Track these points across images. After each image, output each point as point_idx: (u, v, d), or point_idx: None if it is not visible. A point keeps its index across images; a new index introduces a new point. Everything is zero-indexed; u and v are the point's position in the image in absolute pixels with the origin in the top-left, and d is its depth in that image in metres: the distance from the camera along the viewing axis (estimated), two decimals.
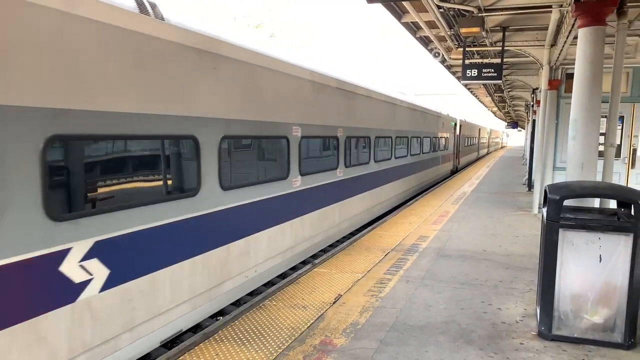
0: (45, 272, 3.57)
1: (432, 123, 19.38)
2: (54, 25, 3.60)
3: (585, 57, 6.29)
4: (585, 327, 4.82)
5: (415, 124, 16.13)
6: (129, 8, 4.30)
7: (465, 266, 7.53)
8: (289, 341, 4.80)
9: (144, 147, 4.55)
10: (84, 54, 3.86)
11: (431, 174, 19.86)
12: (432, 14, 9.68)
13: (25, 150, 3.42)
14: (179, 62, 4.90)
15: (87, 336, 3.95)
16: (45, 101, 3.56)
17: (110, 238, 4.12)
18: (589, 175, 6.34)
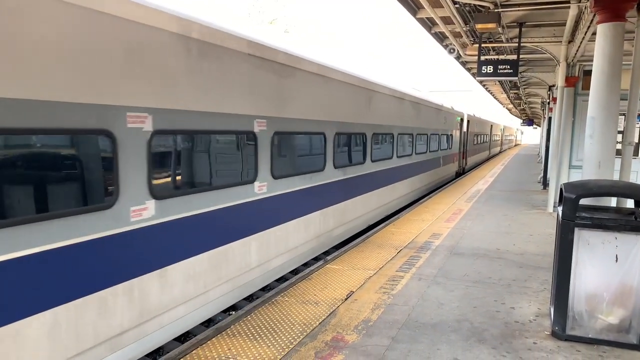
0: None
1: (430, 117, 15.87)
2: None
3: (604, 54, 6.19)
4: (600, 328, 4.76)
5: (404, 117, 12.72)
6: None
7: (478, 264, 7.48)
8: (301, 337, 4.82)
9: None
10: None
11: (427, 180, 16.27)
12: (448, 9, 9.59)
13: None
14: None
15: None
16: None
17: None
18: (606, 174, 6.25)
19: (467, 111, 24.89)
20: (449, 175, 20.48)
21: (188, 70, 4.74)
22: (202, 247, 5.10)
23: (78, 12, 3.66)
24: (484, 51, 12.89)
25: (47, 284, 3.53)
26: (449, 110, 19.25)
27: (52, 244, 3.52)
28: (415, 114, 13.81)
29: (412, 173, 14.01)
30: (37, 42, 3.38)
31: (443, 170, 19.17)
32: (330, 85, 8.13)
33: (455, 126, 20.75)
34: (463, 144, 23.67)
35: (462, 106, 24.05)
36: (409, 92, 13.13)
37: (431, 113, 16.02)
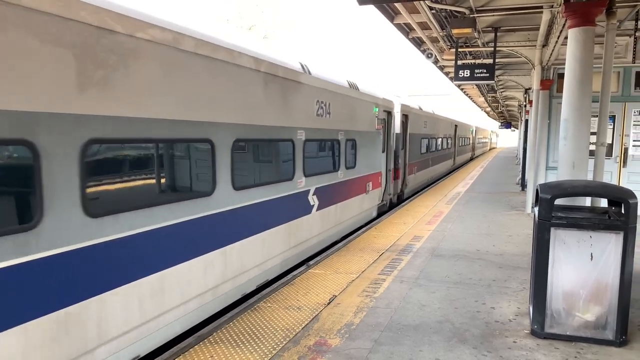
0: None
1: (313, 107, 8.22)
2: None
3: (575, 57, 6.35)
4: (578, 325, 4.86)
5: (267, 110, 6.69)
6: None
7: (459, 266, 7.57)
8: (284, 342, 4.81)
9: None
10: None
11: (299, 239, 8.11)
12: (424, 15, 9.73)
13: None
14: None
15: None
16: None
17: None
18: (580, 174, 6.39)
19: (405, 101, 15.55)
20: (362, 215, 11.22)
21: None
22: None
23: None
24: (460, 55, 13.10)
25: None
26: (365, 97, 10.83)
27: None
28: (285, 105, 7.18)
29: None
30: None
31: (350, 210, 10.29)
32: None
33: (372, 124, 11.38)
34: (403, 154, 15.17)
35: (397, 93, 15.54)
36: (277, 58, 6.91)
37: (305, 100, 7.87)
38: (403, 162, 15.44)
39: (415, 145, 16.91)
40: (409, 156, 15.89)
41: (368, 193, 11.50)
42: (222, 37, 5.67)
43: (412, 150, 16.46)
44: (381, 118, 12.21)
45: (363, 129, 10.83)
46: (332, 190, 9.17)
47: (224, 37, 5.71)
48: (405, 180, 15.80)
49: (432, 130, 20.49)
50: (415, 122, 16.70)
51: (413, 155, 16.69)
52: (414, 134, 16.58)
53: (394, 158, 14.11)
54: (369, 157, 11.34)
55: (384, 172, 12.93)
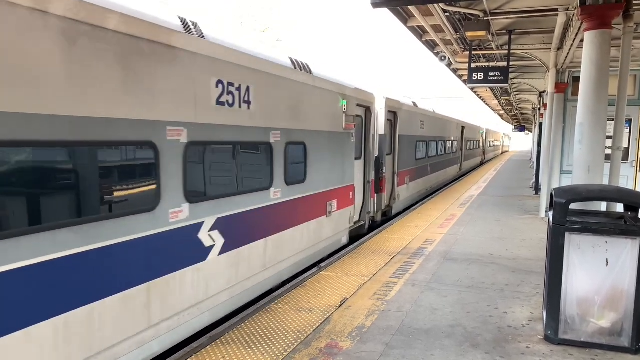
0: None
1: (210, 90, 5.27)
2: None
3: (591, 61, 6.28)
4: (592, 331, 4.80)
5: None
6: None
7: (471, 270, 7.52)
8: (295, 344, 4.82)
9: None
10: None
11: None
12: (438, 18, 9.70)
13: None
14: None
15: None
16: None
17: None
18: (596, 179, 6.32)
19: (393, 94, 12.55)
20: (309, 256, 7.94)
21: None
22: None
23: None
24: (474, 58, 13.02)
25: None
26: (306, 82, 7.51)
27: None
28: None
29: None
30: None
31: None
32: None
33: (336, 123, 8.64)
34: (384, 162, 11.78)
35: (384, 86, 12.43)
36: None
37: (189, 77, 4.97)
38: (391, 171, 12.64)
39: (408, 150, 14.15)
40: (399, 163, 13.06)
41: (330, 215, 8.26)
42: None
43: (404, 155, 13.64)
44: (353, 115, 9.04)
45: (321, 128, 7.81)
46: (256, 219, 6.15)
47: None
48: (394, 192, 12.89)
49: (432, 132, 17.61)
50: (407, 122, 13.80)
51: (405, 162, 13.86)
52: (406, 135, 13.75)
53: (376, 166, 11.10)
54: (332, 166, 8.29)
55: (359, 184, 10.04)
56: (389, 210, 12.74)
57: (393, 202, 12.88)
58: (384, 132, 11.54)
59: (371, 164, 10.67)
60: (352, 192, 9.49)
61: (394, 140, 12.77)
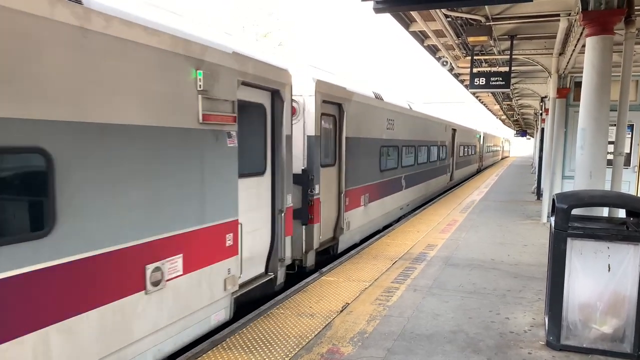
0: None
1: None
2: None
3: (593, 66, 6.28)
4: (594, 337, 4.79)
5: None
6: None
7: (473, 275, 7.50)
8: (296, 349, 4.81)
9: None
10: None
11: None
12: (440, 23, 9.72)
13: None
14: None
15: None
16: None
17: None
18: (598, 184, 6.31)
19: (335, 79, 9.23)
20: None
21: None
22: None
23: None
24: (476, 63, 13.04)
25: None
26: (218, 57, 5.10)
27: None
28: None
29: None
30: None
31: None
32: None
33: (179, 113, 4.68)
34: (315, 178, 8.10)
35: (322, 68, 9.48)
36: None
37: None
38: (335, 189, 9.04)
39: (366, 158, 10.42)
40: (348, 177, 9.38)
41: (161, 286, 4.46)
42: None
43: (359, 166, 9.94)
44: (232, 100, 5.48)
45: (111, 119, 3.90)
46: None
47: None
48: (341, 220, 9.16)
49: (409, 134, 13.88)
50: (363, 119, 10.11)
51: (361, 175, 10.12)
52: (362, 139, 10.03)
53: (303, 184, 7.83)
54: (163, 192, 4.52)
55: (261, 216, 6.45)
56: (333, 246, 8.98)
57: (340, 234, 9.14)
58: (316, 133, 7.92)
59: (285, 181, 6.65)
60: (235, 234, 5.60)
61: (339, 144, 9.06)
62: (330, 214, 8.85)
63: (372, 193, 10.98)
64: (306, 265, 8.01)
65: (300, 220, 7.81)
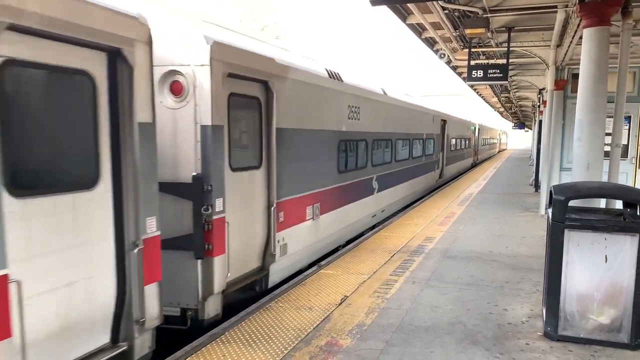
0: None
1: None
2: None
3: (590, 57, 6.29)
4: (592, 328, 4.82)
5: None
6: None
7: (471, 267, 7.53)
8: (295, 342, 4.83)
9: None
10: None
11: None
12: (437, 15, 9.69)
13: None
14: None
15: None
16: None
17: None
18: (595, 176, 6.33)
19: (224, 35, 5.81)
20: None
21: None
22: None
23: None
24: (473, 56, 13.01)
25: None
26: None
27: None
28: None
29: None
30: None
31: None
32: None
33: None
34: (210, 198, 5.41)
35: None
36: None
37: None
38: (262, 202, 6.58)
39: (311, 157, 7.91)
40: (283, 184, 6.92)
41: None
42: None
43: (300, 167, 7.50)
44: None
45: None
46: None
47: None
48: (272, 243, 6.64)
49: (380, 126, 11.30)
50: (306, 105, 7.63)
51: (305, 180, 7.70)
52: (305, 131, 7.61)
53: (194, 199, 5.36)
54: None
55: (53, 268, 3.57)
56: (261, 279, 6.57)
57: (271, 262, 6.61)
58: (215, 122, 5.41)
59: (140, 196, 4.24)
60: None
61: (267, 139, 6.55)
62: (248, 238, 6.17)
63: (326, 201, 8.46)
64: (204, 318, 5.42)
65: (193, 252, 5.31)
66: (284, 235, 7.02)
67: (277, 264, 6.83)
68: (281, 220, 6.90)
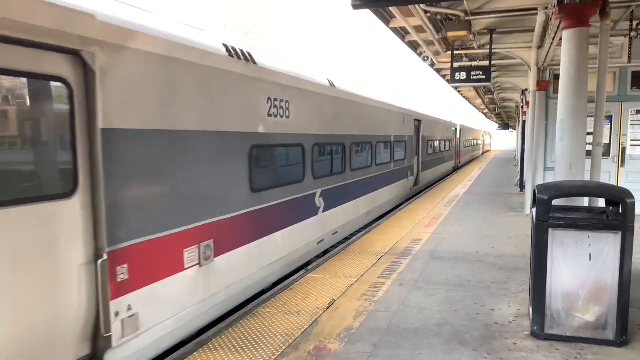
0: None
1: None
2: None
3: (569, 58, 6.37)
4: (578, 326, 4.85)
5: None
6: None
7: (458, 268, 7.56)
8: (283, 348, 4.80)
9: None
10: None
11: None
12: (420, 18, 9.76)
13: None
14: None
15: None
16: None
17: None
18: (578, 175, 6.40)
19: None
20: None
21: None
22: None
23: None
24: (456, 58, 13.12)
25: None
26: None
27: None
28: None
29: None
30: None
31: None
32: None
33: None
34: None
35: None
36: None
37: None
38: (82, 253, 3.98)
39: (194, 172, 5.22)
40: (130, 218, 4.37)
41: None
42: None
43: (170, 189, 4.88)
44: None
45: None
46: None
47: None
48: (106, 318, 4.07)
49: (323, 126, 8.84)
50: (180, 92, 4.98)
51: (183, 205, 5.04)
52: (175, 133, 4.92)
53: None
54: None
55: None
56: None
57: (107, 348, 4.11)
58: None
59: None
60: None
61: (88, 146, 4.05)
62: (41, 315, 3.67)
63: (229, 235, 5.92)
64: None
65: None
66: (133, 300, 4.40)
67: (121, 349, 4.24)
68: (123, 277, 4.29)
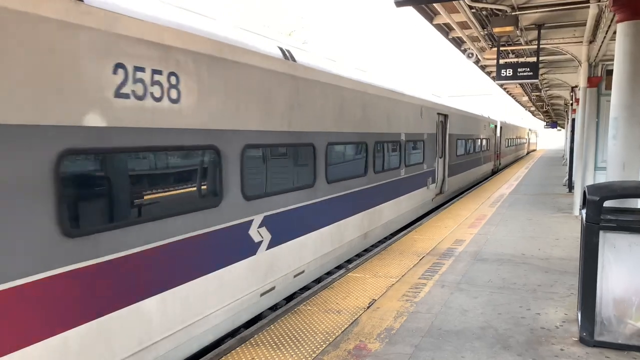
0: None
1: None
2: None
3: (624, 52, 6.09)
4: (630, 333, 4.64)
5: None
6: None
7: (502, 270, 7.37)
8: (324, 346, 4.82)
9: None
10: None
11: None
12: (464, 14, 9.56)
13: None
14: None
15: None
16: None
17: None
18: (631, 175, 6.12)
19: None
20: None
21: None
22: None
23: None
24: (502, 54, 12.79)
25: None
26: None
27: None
28: None
29: None
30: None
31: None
32: None
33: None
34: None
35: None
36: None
37: None
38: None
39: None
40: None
41: None
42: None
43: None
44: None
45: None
46: None
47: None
48: None
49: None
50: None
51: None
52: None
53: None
54: None
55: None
56: None
57: None
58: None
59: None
60: None
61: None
62: None
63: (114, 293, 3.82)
64: None
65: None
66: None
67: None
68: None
